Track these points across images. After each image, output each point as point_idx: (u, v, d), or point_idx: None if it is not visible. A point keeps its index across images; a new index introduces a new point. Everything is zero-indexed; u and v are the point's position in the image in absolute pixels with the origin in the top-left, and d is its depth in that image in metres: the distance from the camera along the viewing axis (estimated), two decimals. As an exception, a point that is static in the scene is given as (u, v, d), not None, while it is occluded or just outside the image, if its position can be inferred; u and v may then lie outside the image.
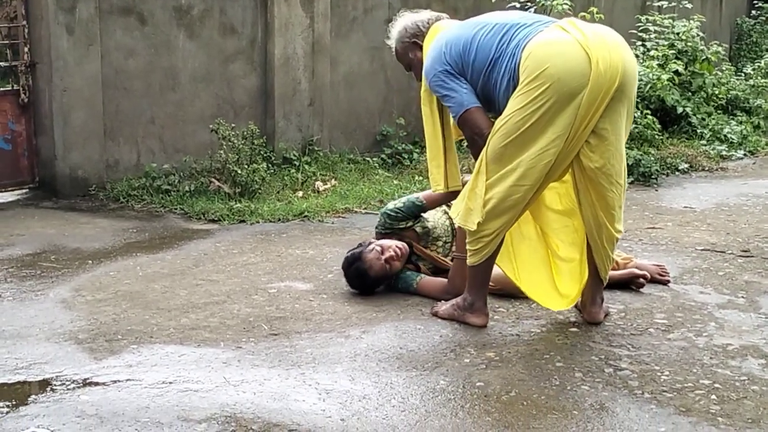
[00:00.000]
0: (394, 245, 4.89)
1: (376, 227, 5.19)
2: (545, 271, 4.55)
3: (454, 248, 5.01)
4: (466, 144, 4.71)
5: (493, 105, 4.27)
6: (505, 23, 4.24)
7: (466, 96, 4.27)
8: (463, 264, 4.52)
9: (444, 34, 4.42)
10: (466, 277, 4.50)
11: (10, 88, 7.33)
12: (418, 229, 5.09)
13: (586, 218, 4.31)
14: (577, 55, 4.02)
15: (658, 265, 5.28)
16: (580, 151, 4.15)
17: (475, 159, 4.40)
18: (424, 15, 4.72)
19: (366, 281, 4.89)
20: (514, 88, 4.12)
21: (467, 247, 4.36)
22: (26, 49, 7.23)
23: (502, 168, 4.15)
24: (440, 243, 5.11)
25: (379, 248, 4.87)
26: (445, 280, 4.88)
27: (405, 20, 4.73)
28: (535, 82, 4.02)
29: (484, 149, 4.22)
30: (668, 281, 5.18)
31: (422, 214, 5.10)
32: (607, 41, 4.10)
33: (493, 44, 4.19)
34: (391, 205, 5.14)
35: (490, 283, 4.58)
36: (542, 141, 4.07)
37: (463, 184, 4.56)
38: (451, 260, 4.93)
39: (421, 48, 4.62)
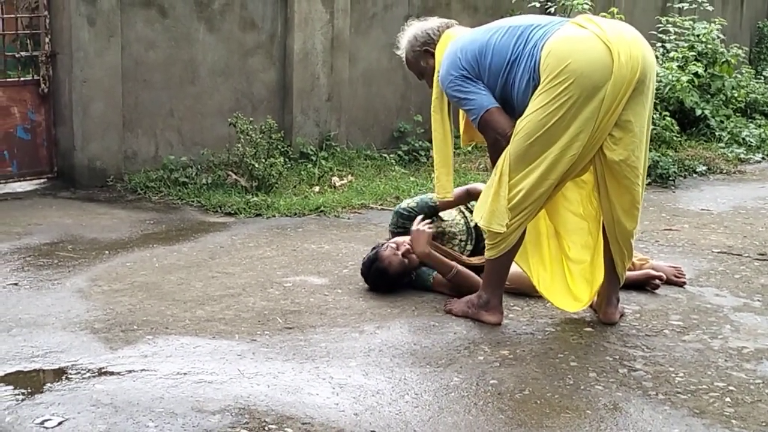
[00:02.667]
0: (407, 240, 4.90)
1: (390, 226, 5.21)
2: (559, 271, 4.55)
3: (470, 247, 5.02)
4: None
5: (510, 107, 4.24)
6: (519, 25, 4.25)
7: (486, 98, 4.25)
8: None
9: (457, 40, 4.41)
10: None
11: (30, 78, 7.37)
12: (439, 229, 5.09)
13: (605, 214, 4.31)
14: (598, 49, 4.03)
15: (674, 267, 5.27)
16: (603, 145, 4.14)
17: (494, 164, 4.39)
18: (433, 23, 4.70)
19: (388, 279, 4.88)
20: (534, 89, 4.11)
21: (486, 241, 4.36)
22: (47, 40, 7.26)
23: (527, 166, 4.15)
24: (456, 241, 5.09)
25: (393, 245, 4.88)
26: None
27: (414, 29, 4.71)
28: (558, 78, 4.02)
29: (506, 150, 4.20)
30: (684, 283, 5.17)
31: (437, 214, 5.11)
32: (625, 34, 4.12)
33: (509, 46, 4.18)
34: (404, 204, 5.15)
35: (507, 282, 4.58)
36: (566, 137, 4.07)
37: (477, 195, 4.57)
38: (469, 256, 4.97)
39: (433, 55, 4.61)
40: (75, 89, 7.18)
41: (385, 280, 4.89)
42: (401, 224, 5.09)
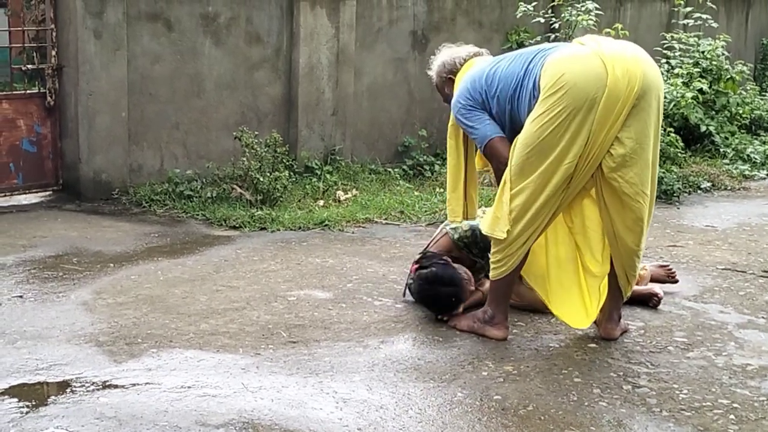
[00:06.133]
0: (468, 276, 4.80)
1: (459, 238, 4.91)
2: (576, 291, 4.51)
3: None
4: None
5: (520, 128, 4.29)
6: (529, 52, 4.39)
7: (489, 127, 4.40)
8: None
9: (471, 71, 4.55)
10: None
11: (36, 91, 7.40)
12: (477, 264, 4.95)
13: (606, 230, 4.32)
14: (593, 63, 4.10)
15: (662, 266, 5.34)
16: (602, 162, 4.16)
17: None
18: (463, 51, 4.87)
19: (454, 293, 4.67)
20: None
21: (491, 259, 4.37)
22: (54, 53, 7.29)
23: (525, 178, 4.19)
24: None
25: (467, 277, 4.77)
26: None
27: (445, 55, 4.90)
28: (552, 89, 4.10)
29: (509, 161, 4.25)
30: (676, 280, 5.29)
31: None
32: (625, 52, 4.18)
33: (515, 72, 4.31)
34: (457, 232, 4.94)
35: (515, 298, 4.62)
36: (561, 148, 4.11)
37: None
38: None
39: (454, 82, 4.77)
40: (81, 102, 7.21)
41: (447, 306, 4.69)
42: (471, 240, 4.88)
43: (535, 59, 4.27)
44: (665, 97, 9.37)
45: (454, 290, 4.66)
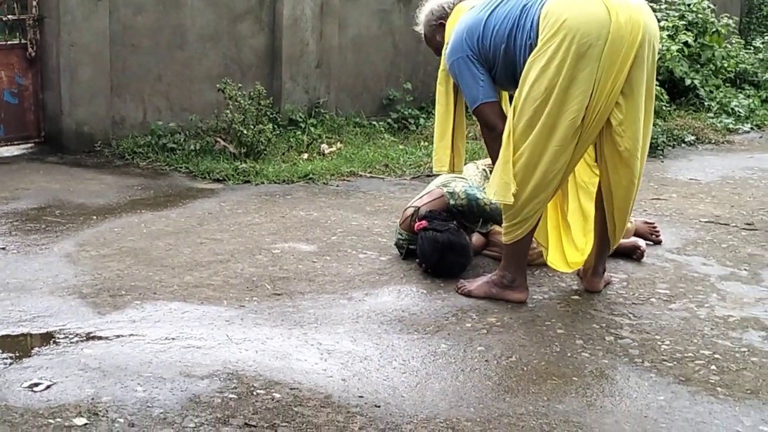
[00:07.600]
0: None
1: (454, 205, 4.86)
2: (556, 232, 4.53)
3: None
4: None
5: (517, 73, 4.16)
6: None
7: (482, 90, 4.26)
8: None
9: (464, 17, 4.37)
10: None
11: (17, 42, 7.31)
12: (468, 229, 4.91)
13: (603, 184, 4.28)
14: (596, 8, 3.95)
15: (647, 223, 5.35)
16: (610, 115, 4.05)
17: (488, 150, 4.46)
18: None
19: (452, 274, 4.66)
20: (533, 50, 4.05)
21: (504, 224, 4.29)
22: (34, 3, 7.20)
23: (529, 133, 4.06)
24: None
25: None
26: None
27: (431, 3, 4.77)
28: (555, 36, 3.94)
29: (510, 117, 4.15)
30: (660, 241, 5.30)
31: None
32: (629, 1, 4.03)
33: (511, 11, 4.14)
34: (453, 197, 4.88)
35: (498, 251, 4.60)
36: (566, 98, 3.97)
37: None
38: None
39: (445, 28, 4.63)
40: (62, 53, 7.13)
41: (461, 261, 4.69)
42: (471, 209, 4.86)
43: (534, 1, 4.08)
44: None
45: (464, 261, 4.68)
